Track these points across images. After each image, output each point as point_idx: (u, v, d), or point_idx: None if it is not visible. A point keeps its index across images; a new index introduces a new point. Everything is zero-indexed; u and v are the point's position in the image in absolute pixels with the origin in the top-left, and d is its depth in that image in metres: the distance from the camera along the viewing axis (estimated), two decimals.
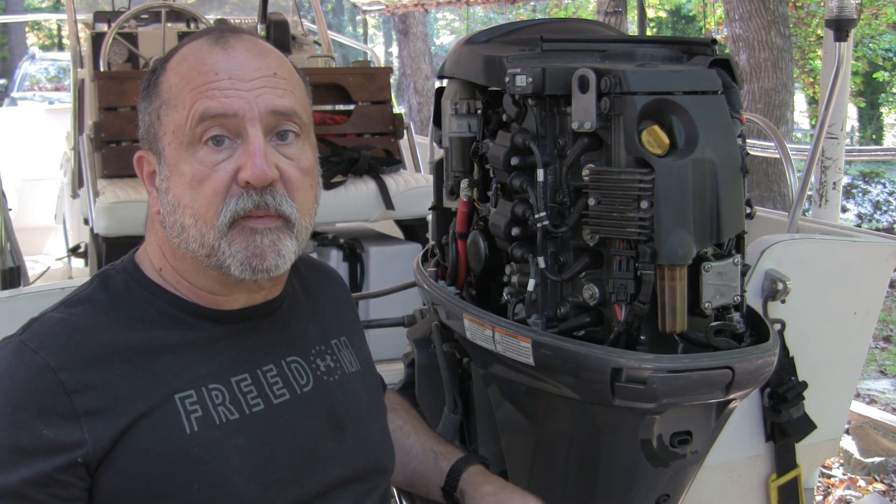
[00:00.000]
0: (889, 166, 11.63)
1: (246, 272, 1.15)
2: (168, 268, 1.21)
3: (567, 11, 14.99)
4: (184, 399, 1.14)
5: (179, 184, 1.15)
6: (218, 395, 1.17)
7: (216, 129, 1.13)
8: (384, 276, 2.94)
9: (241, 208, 1.13)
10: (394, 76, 12.13)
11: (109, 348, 1.13)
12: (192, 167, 1.14)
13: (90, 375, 1.10)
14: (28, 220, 5.77)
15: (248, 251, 1.14)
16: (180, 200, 1.15)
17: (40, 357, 1.10)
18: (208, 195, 1.13)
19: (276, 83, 1.17)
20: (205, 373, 1.17)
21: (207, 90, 1.13)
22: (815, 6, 11.86)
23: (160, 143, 1.17)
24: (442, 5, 11.66)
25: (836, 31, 2.40)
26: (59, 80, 13.72)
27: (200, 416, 1.14)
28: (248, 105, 1.14)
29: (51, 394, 1.08)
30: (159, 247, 1.22)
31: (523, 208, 1.48)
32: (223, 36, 1.18)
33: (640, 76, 1.34)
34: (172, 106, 1.15)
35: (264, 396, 1.20)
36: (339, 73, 3.57)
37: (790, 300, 2.02)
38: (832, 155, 2.83)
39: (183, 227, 1.15)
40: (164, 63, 1.20)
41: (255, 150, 1.13)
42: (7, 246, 2.68)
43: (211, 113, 1.13)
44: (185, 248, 1.16)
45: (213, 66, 1.15)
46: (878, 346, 6.32)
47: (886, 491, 3.90)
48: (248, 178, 1.13)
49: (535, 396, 1.53)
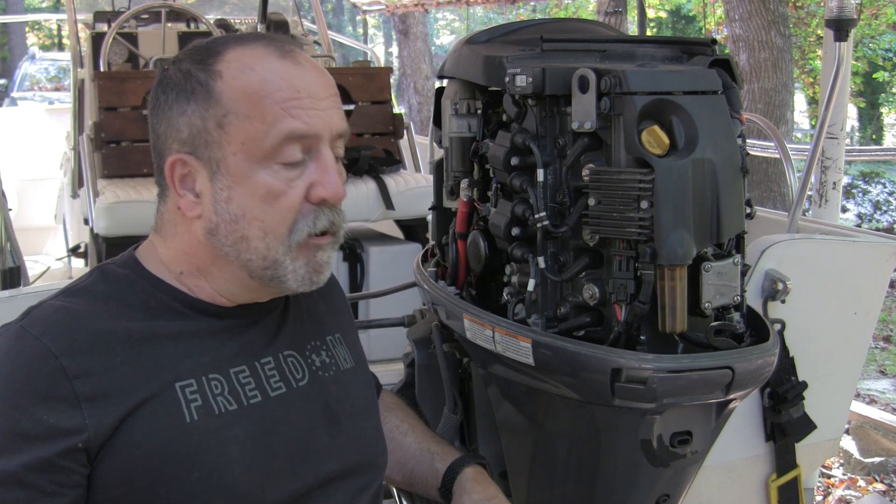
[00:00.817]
0: (889, 166, 11.64)
1: (304, 286, 1.20)
2: (193, 272, 1.21)
3: (567, 11, 14.99)
4: (184, 387, 1.15)
5: (247, 195, 1.15)
6: (217, 385, 1.17)
7: (297, 148, 1.15)
8: (384, 276, 2.94)
9: (318, 227, 1.17)
10: (394, 76, 12.13)
11: (110, 335, 1.13)
12: (268, 181, 1.14)
13: (91, 361, 1.10)
14: (28, 220, 5.77)
15: (309, 267, 1.18)
16: (246, 212, 1.15)
17: (41, 342, 1.10)
18: (283, 211, 1.15)
19: (338, 104, 1.21)
20: (205, 362, 1.18)
21: (292, 108, 1.14)
22: (815, 6, 11.87)
23: (219, 151, 1.15)
24: (442, 5, 11.67)
25: (836, 31, 2.40)
26: (59, 80, 13.72)
27: (200, 405, 1.15)
28: (324, 124, 1.17)
29: (52, 379, 1.08)
30: (184, 251, 1.21)
31: (523, 208, 1.48)
32: (288, 48, 1.18)
33: (640, 76, 1.34)
34: (244, 117, 1.14)
35: (262, 389, 1.21)
36: (339, 73, 3.57)
37: (790, 300, 2.02)
38: (832, 155, 2.83)
39: (244, 238, 1.16)
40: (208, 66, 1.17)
41: (332, 169, 1.17)
42: (7, 246, 2.68)
43: (298, 133, 1.14)
44: (236, 257, 1.17)
45: (292, 81, 1.15)
46: (878, 346, 6.32)
47: (886, 491, 3.90)
48: (326, 196, 1.16)
49: (535, 396, 1.53)
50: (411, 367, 1.90)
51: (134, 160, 3.24)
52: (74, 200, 4.27)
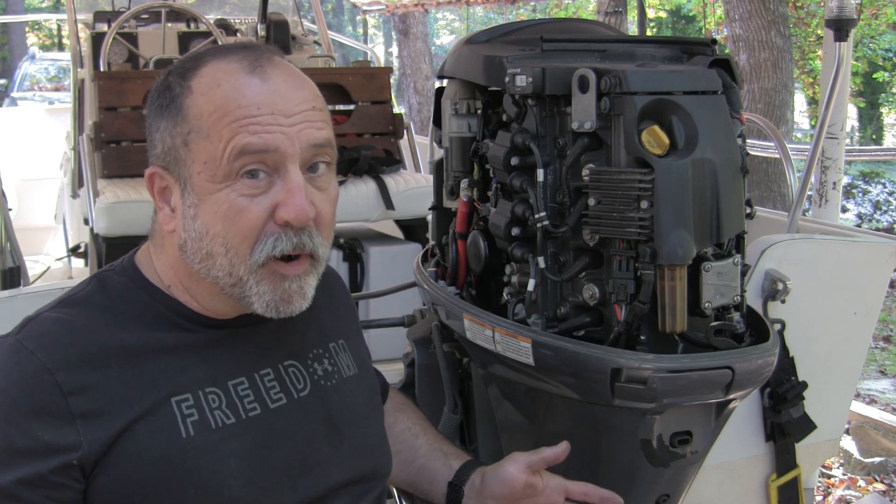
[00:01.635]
0: (889, 166, 11.63)
1: (270, 312, 1.15)
2: (179, 286, 1.20)
3: (567, 11, 15.00)
4: (180, 402, 1.13)
5: (210, 213, 1.12)
6: (214, 398, 1.16)
7: (254, 164, 1.11)
8: (384, 276, 2.94)
9: (278, 250, 1.13)
10: (394, 76, 12.13)
11: (106, 349, 1.12)
12: (229, 198, 1.11)
13: (87, 377, 1.09)
14: (28, 220, 5.77)
15: (275, 295, 1.14)
16: (209, 229, 1.13)
17: (37, 357, 1.09)
18: (244, 229, 1.12)
19: (314, 116, 1.15)
20: (202, 376, 1.16)
21: (248, 125, 1.10)
22: (815, 6, 11.86)
23: (186, 170, 1.13)
24: (442, 5, 11.67)
25: (836, 31, 2.40)
26: (59, 80, 13.71)
27: (197, 419, 1.13)
28: (289, 141, 1.12)
29: (47, 395, 1.07)
30: (170, 265, 1.20)
31: (523, 208, 1.48)
32: (259, 63, 1.14)
33: (640, 76, 1.34)
34: (205, 136, 1.12)
35: (261, 401, 1.20)
36: (339, 73, 3.57)
37: (790, 300, 2.02)
38: (832, 155, 2.83)
39: (209, 255, 1.14)
40: (184, 81, 1.15)
41: (296, 189, 1.12)
42: (7, 246, 2.68)
43: (251, 149, 1.10)
44: (205, 273, 1.15)
45: (253, 98, 1.11)
46: (878, 346, 6.32)
47: (886, 491, 3.90)
48: (289, 218, 1.11)
49: (535, 396, 1.53)
50: (411, 367, 1.90)
51: (134, 160, 3.24)
52: (74, 200, 4.27)
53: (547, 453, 1.38)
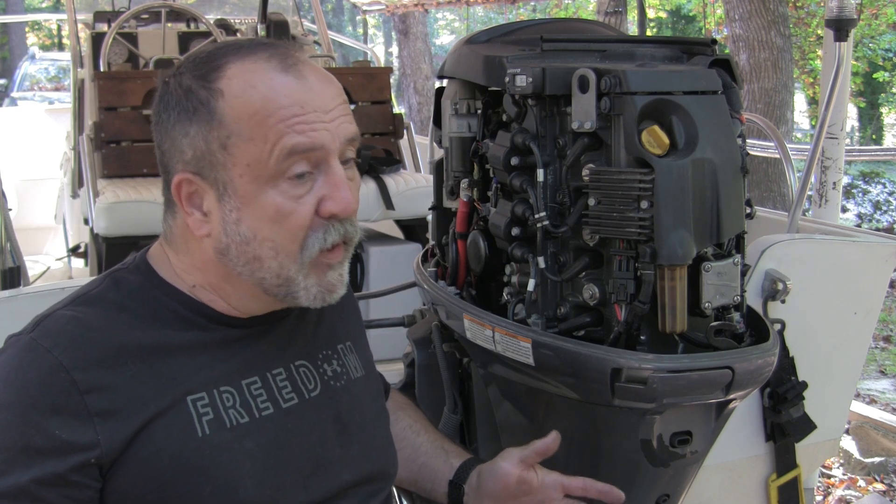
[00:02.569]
0: (889, 166, 11.63)
1: (317, 303, 1.18)
2: (207, 288, 1.20)
3: (567, 11, 15.00)
4: (196, 401, 1.14)
5: (257, 217, 1.13)
6: (229, 397, 1.16)
7: (302, 163, 1.12)
8: (384, 276, 2.94)
9: (330, 242, 1.15)
10: (394, 76, 12.13)
11: (122, 348, 1.12)
12: (276, 201, 1.12)
13: (103, 375, 1.09)
14: (28, 220, 5.77)
15: (321, 286, 1.17)
16: (257, 233, 1.13)
17: (53, 355, 1.08)
18: (293, 229, 1.13)
19: (346, 110, 1.18)
20: (217, 375, 1.17)
21: (295, 125, 1.11)
22: (815, 6, 11.87)
23: (225, 173, 1.13)
24: (442, 5, 11.67)
25: (836, 31, 2.40)
26: (59, 80, 13.71)
27: (212, 418, 1.14)
28: (331, 137, 1.14)
29: (64, 393, 1.07)
30: (196, 267, 1.19)
31: (523, 208, 1.48)
32: (290, 61, 1.14)
33: (640, 76, 1.34)
34: (248, 139, 1.11)
35: (273, 400, 1.20)
36: (339, 73, 3.56)
37: (790, 300, 2.02)
38: (832, 155, 2.83)
39: (257, 259, 1.14)
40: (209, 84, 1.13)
41: (341, 182, 1.15)
42: (7, 246, 2.68)
43: (301, 148, 1.12)
44: (250, 275, 1.16)
45: (295, 97, 1.12)
46: (878, 346, 6.32)
47: (886, 491, 3.90)
48: (336, 211, 1.14)
49: (535, 396, 1.53)
50: (411, 367, 1.90)
51: (134, 160, 3.24)
52: (74, 200, 4.27)
53: (538, 445, 1.38)
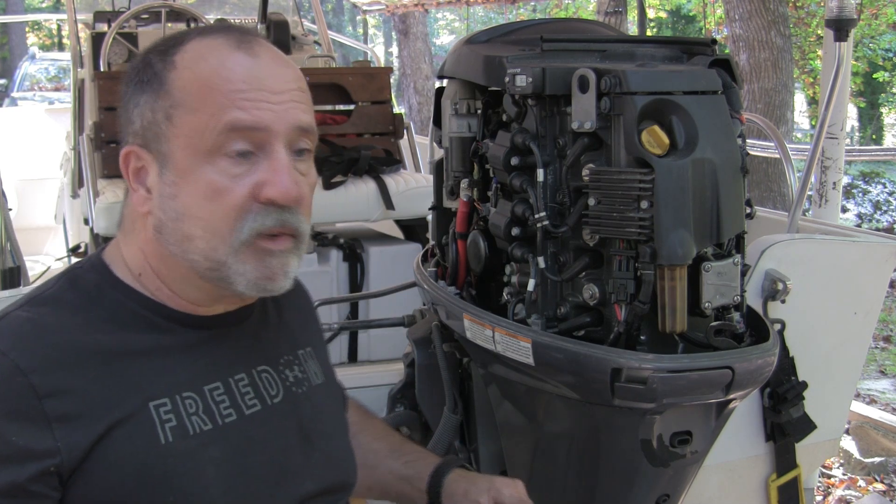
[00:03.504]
0: (889, 166, 11.64)
1: (253, 291, 1.12)
2: (149, 273, 1.15)
3: (567, 11, 14.99)
4: (158, 407, 1.09)
5: (191, 192, 1.09)
6: (192, 403, 1.11)
7: (241, 141, 1.08)
8: (384, 276, 2.94)
9: (264, 226, 1.10)
10: (394, 76, 12.14)
11: (82, 349, 1.06)
12: (210, 178, 1.08)
13: (62, 379, 1.04)
14: (28, 220, 5.78)
15: (258, 272, 1.11)
16: (189, 210, 1.09)
17: (9, 358, 1.02)
18: (225, 209, 1.09)
19: (300, 97, 1.14)
20: (179, 380, 1.12)
21: (238, 99, 1.08)
22: (815, 6, 11.86)
23: (166, 145, 1.10)
24: (442, 5, 11.67)
25: (836, 31, 2.40)
26: (59, 80, 13.70)
27: (175, 425, 1.09)
28: (277, 119, 1.10)
29: (21, 398, 1.01)
30: (140, 250, 1.15)
31: (523, 208, 1.48)
32: (245, 40, 1.12)
33: (640, 76, 1.34)
34: (190, 109, 1.08)
35: (236, 407, 1.16)
36: (339, 73, 3.57)
37: (790, 300, 2.02)
38: (832, 155, 2.83)
39: (187, 237, 1.10)
40: (164, 56, 1.12)
41: (283, 167, 1.10)
42: (7, 246, 2.68)
43: (241, 125, 1.08)
44: (182, 257, 1.11)
45: (242, 73, 1.09)
46: (878, 346, 6.32)
47: (886, 491, 3.90)
48: (274, 197, 1.09)
49: (535, 396, 1.53)
50: (411, 367, 1.90)
51: None
52: (74, 200, 4.27)
53: None
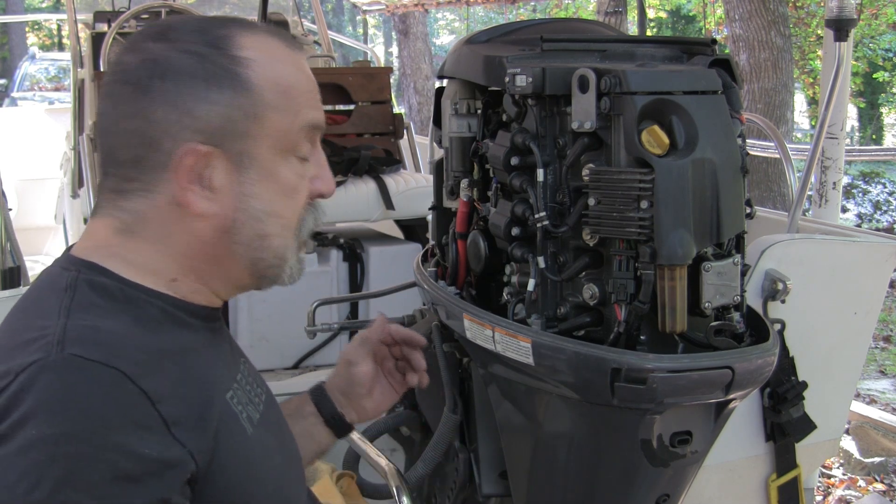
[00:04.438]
0: (889, 166, 11.64)
1: (289, 281, 1.15)
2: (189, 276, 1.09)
3: (567, 11, 14.99)
4: (231, 399, 1.06)
5: (275, 191, 1.09)
6: (241, 394, 1.10)
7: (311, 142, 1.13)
8: (384, 276, 2.94)
9: (317, 223, 1.15)
10: (394, 76, 12.13)
11: (156, 352, 0.99)
12: (289, 176, 1.10)
13: (160, 381, 0.96)
14: (28, 220, 5.78)
15: (300, 265, 1.15)
16: (272, 209, 1.09)
17: (112, 367, 0.92)
18: (298, 206, 1.12)
19: None
20: (223, 373, 1.09)
21: (312, 100, 1.12)
22: (815, 6, 11.86)
23: (252, 144, 1.06)
24: (442, 5, 11.67)
25: (836, 31, 2.40)
26: (59, 80, 13.70)
27: (247, 416, 1.07)
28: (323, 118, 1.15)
29: (139, 406, 0.92)
30: (181, 253, 1.07)
31: (523, 208, 1.48)
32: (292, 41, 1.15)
33: (640, 76, 1.34)
34: (278, 109, 1.08)
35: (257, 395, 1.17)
36: (339, 73, 3.58)
37: (790, 300, 2.02)
38: (832, 155, 2.83)
39: (263, 236, 1.09)
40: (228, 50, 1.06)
41: (326, 163, 1.15)
42: (7, 246, 2.68)
43: (318, 123, 1.12)
44: (248, 256, 1.09)
45: (307, 74, 1.13)
46: (878, 346, 6.32)
47: (886, 491, 3.90)
48: (325, 191, 1.14)
49: (535, 396, 1.53)
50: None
51: None
52: (74, 200, 4.28)
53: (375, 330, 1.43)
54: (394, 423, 1.99)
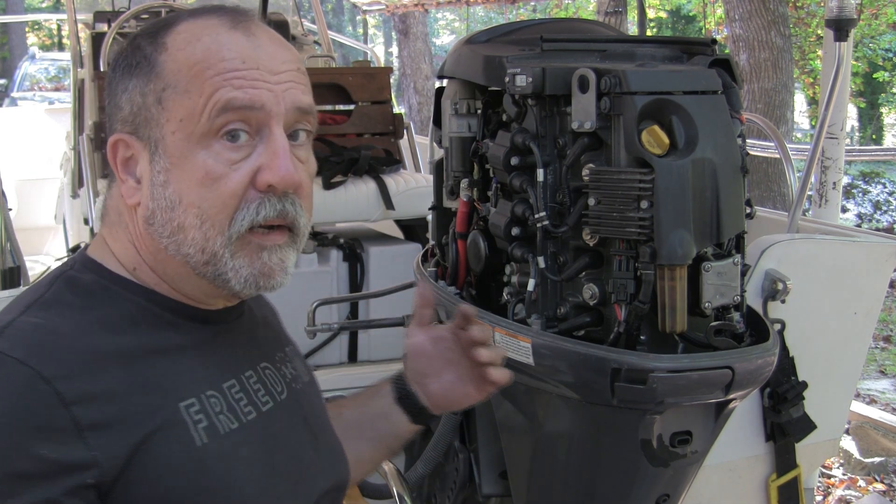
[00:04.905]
0: (889, 166, 11.64)
1: (249, 289, 1.06)
2: (144, 267, 1.09)
3: (567, 11, 14.99)
4: (188, 407, 1.03)
5: (185, 179, 1.03)
6: (216, 402, 1.06)
7: (237, 122, 1.03)
8: (384, 276, 2.94)
9: (262, 217, 1.04)
10: (394, 76, 12.13)
11: (102, 353, 1.00)
12: (206, 162, 1.02)
13: (89, 385, 0.96)
14: (28, 220, 5.78)
15: (254, 268, 1.06)
16: (183, 198, 1.03)
17: (28, 367, 0.94)
18: (222, 196, 1.03)
19: (300, 78, 1.09)
20: (200, 378, 1.07)
21: (233, 78, 1.02)
22: (815, 6, 11.86)
23: (158, 130, 1.04)
24: (442, 5, 11.67)
25: (836, 31, 2.40)
26: (59, 80, 13.70)
27: (206, 425, 1.04)
28: (275, 99, 1.04)
29: (47, 407, 0.93)
30: (132, 243, 1.09)
31: (523, 208, 1.48)
32: (241, 20, 1.07)
33: (640, 76, 1.34)
34: (183, 91, 1.03)
35: (254, 404, 1.11)
36: (339, 73, 3.57)
37: (790, 300, 2.02)
38: (832, 155, 2.83)
39: (181, 228, 1.04)
40: (153, 38, 1.06)
41: (281, 151, 1.04)
42: (7, 246, 2.68)
43: (236, 104, 1.02)
44: (175, 249, 1.05)
45: (239, 51, 1.03)
46: (878, 346, 6.32)
47: (886, 491, 3.90)
48: (273, 181, 1.03)
49: (535, 396, 1.53)
50: None
51: None
52: (74, 200, 4.28)
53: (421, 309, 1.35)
54: None
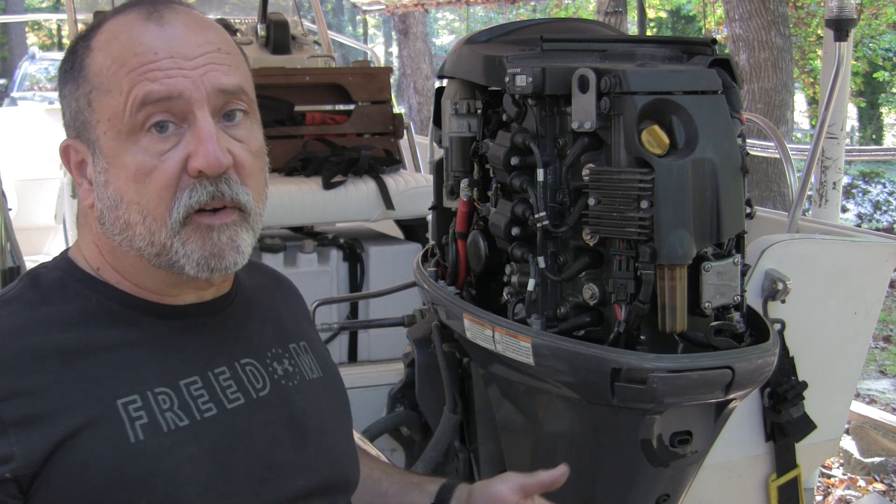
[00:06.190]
0: (889, 166, 11.64)
1: (203, 272, 1.06)
2: (107, 267, 1.11)
3: (567, 11, 14.99)
4: (127, 405, 1.03)
5: (121, 177, 1.04)
6: (165, 399, 1.05)
7: (160, 114, 1.03)
8: (384, 276, 2.94)
9: (195, 201, 1.04)
10: (394, 76, 12.13)
11: (40, 350, 1.02)
12: (136, 158, 1.03)
13: (19, 381, 0.99)
14: (28, 220, 5.77)
15: (204, 250, 1.06)
16: (123, 196, 1.05)
17: None
18: (157, 189, 1.03)
19: (221, 59, 1.07)
20: (150, 376, 1.06)
21: (147, 71, 1.03)
22: (815, 6, 11.86)
23: (93, 132, 1.06)
24: (442, 5, 11.67)
25: (836, 31, 2.40)
26: None
27: (146, 422, 1.03)
28: (193, 85, 1.04)
29: None
30: (94, 244, 1.11)
31: (523, 208, 1.48)
32: (156, 9, 1.07)
33: (640, 76, 1.34)
34: (106, 91, 1.04)
35: (217, 401, 1.09)
36: (339, 73, 3.57)
37: (790, 300, 2.02)
38: (832, 155, 2.83)
39: (127, 225, 1.05)
40: (85, 41, 1.08)
41: (206, 135, 1.04)
42: (7, 246, 2.68)
43: (153, 97, 1.02)
44: (128, 246, 1.07)
45: (150, 44, 1.04)
46: (878, 346, 6.31)
47: (886, 491, 3.90)
48: (200, 167, 1.03)
49: (535, 396, 1.53)
50: (411, 367, 1.91)
51: None
52: (74, 200, 4.26)
53: (544, 477, 1.25)
54: (394, 423, 1.99)
